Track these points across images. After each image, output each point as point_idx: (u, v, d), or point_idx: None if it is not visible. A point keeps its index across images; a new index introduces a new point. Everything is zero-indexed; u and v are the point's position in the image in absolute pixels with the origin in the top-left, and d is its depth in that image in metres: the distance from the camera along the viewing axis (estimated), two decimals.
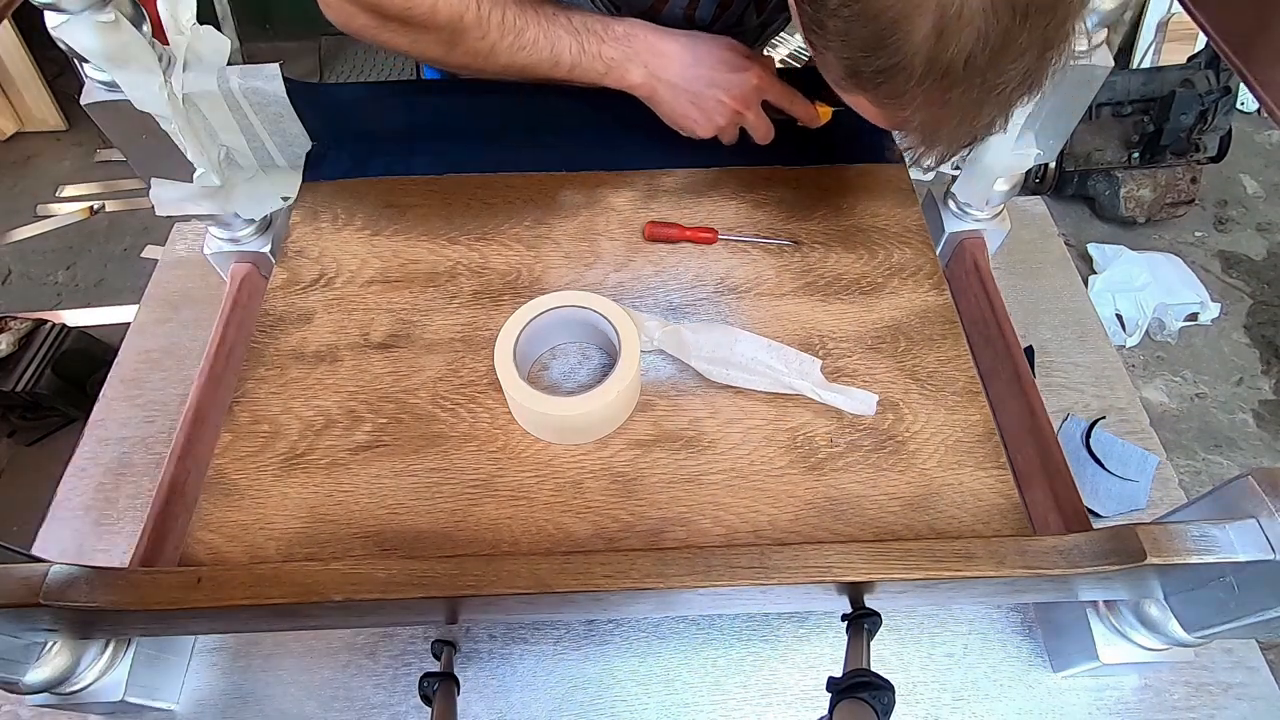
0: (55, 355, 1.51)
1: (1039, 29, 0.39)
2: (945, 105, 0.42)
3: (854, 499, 0.52)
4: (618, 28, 0.60)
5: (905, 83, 0.41)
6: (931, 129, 0.45)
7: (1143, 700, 0.59)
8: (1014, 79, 0.41)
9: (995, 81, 0.41)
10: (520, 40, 0.58)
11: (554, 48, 0.59)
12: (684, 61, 0.60)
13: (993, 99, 0.42)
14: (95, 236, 2.08)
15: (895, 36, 0.39)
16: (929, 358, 0.58)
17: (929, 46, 0.38)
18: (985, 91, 0.41)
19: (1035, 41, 0.39)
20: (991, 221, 0.75)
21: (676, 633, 0.61)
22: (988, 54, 0.38)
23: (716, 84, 0.60)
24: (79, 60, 0.56)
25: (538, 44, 0.58)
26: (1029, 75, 0.41)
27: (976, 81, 0.40)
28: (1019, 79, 0.41)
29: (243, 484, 0.53)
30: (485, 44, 0.57)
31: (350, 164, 0.71)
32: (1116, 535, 0.41)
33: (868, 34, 0.40)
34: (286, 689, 0.59)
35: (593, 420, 0.53)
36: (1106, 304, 1.85)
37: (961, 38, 0.38)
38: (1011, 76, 0.41)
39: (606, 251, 0.65)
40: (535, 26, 0.58)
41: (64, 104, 2.31)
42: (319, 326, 0.61)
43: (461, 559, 0.43)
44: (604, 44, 0.60)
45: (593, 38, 0.59)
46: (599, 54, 0.59)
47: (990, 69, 0.40)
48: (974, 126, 0.44)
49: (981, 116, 0.44)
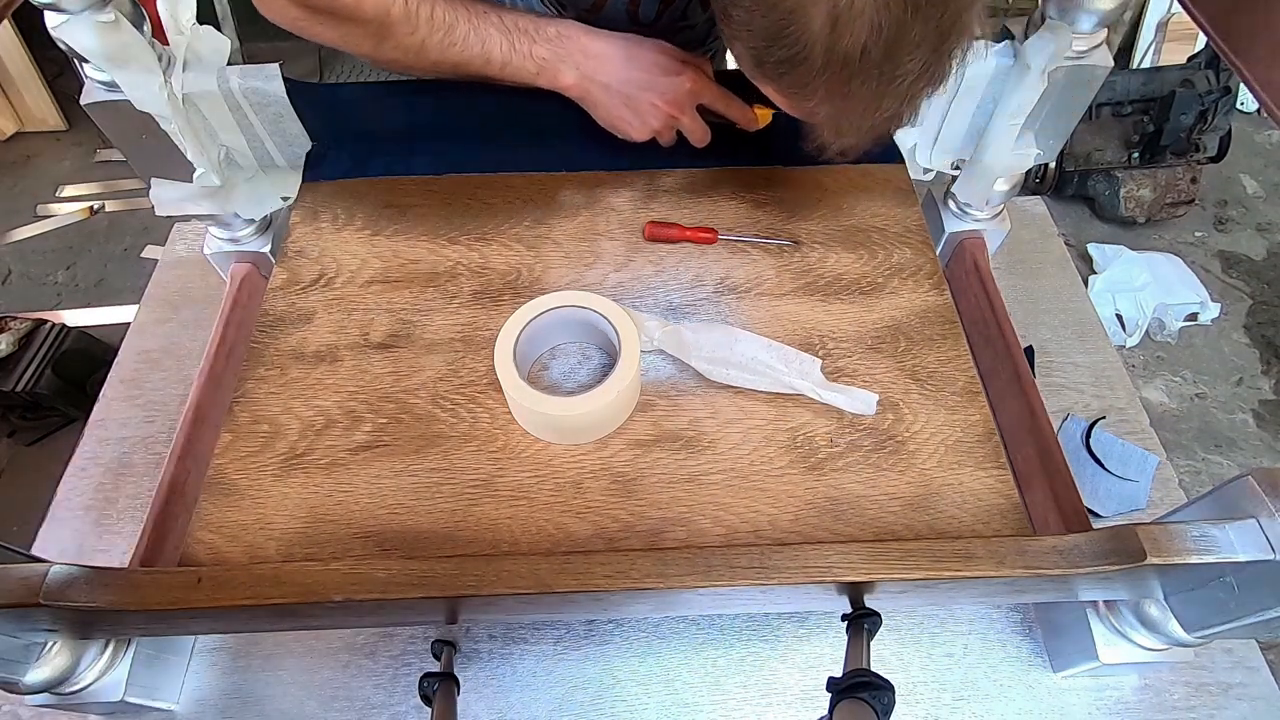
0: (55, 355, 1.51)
1: (932, 21, 0.40)
2: (847, 97, 0.43)
3: (854, 499, 0.52)
4: (550, 28, 0.60)
5: (807, 73, 0.42)
6: (837, 120, 0.46)
7: (1143, 700, 0.59)
8: (912, 71, 0.42)
9: (893, 73, 0.42)
10: (450, 37, 0.57)
11: (484, 45, 0.58)
12: (617, 64, 0.60)
13: (893, 91, 0.43)
14: (95, 236, 2.08)
15: (793, 27, 0.40)
16: (929, 358, 0.58)
17: (825, 37, 0.39)
18: (884, 83, 0.42)
19: (930, 34, 0.40)
20: (991, 221, 0.75)
21: (676, 633, 0.61)
22: (883, 45, 0.39)
23: (650, 87, 0.60)
24: (79, 60, 0.56)
25: (468, 41, 0.58)
26: (928, 68, 0.42)
27: (874, 73, 0.41)
28: (918, 71, 0.42)
29: (243, 484, 0.53)
30: (414, 39, 0.57)
31: (350, 164, 0.71)
32: (1116, 535, 0.41)
33: (768, 24, 0.41)
34: (286, 689, 0.59)
35: (593, 420, 0.53)
36: (1106, 304, 1.85)
37: (855, 28, 0.39)
38: (909, 69, 0.41)
39: (606, 251, 0.65)
40: (465, 23, 0.58)
41: (64, 104, 2.31)
42: (319, 326, 0.61)
43: (461, 559, 0.43)
44: (535, 44, 0.59)
45: (524, 37, 0.59)
46: (530, 54, 0.59)
47: (887, 61, 0.40)
48: (877, 118, 0.45)
49: (883, 109, 0.44)
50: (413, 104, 0.70)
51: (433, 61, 0.59)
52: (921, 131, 0.72)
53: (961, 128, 0.69)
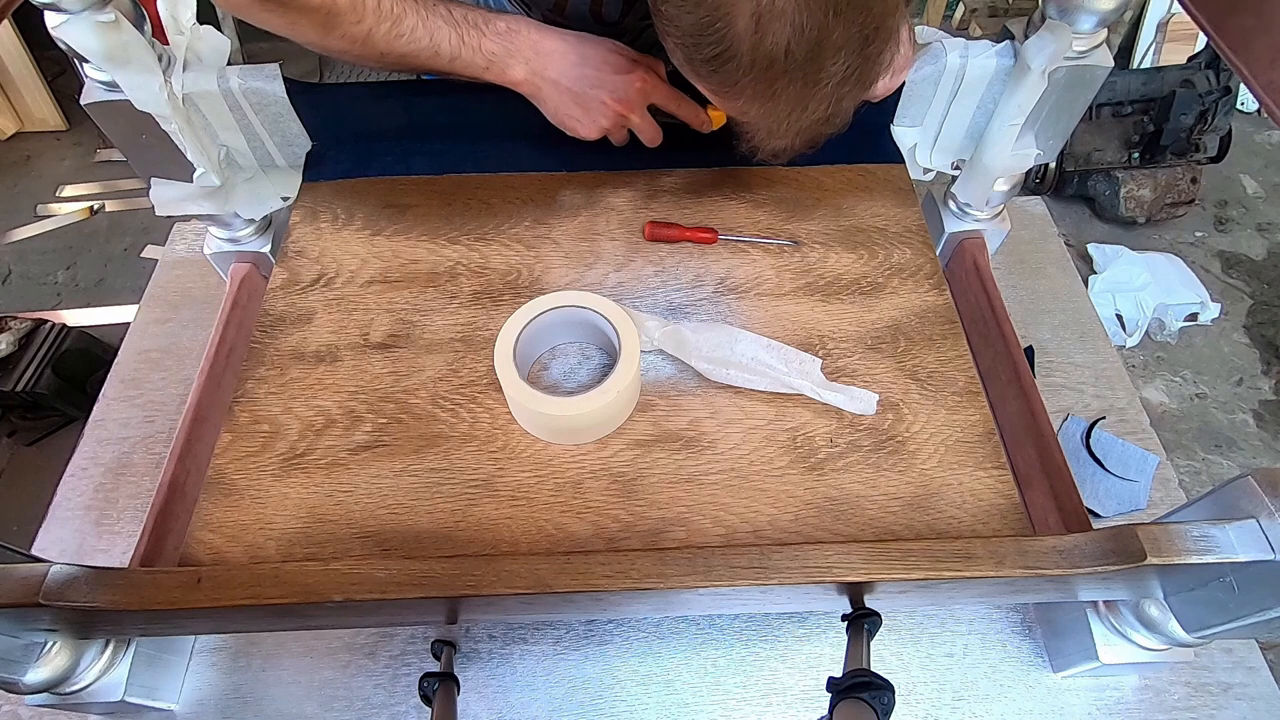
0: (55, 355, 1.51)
1: (855, 24, 0.40)
2: (773, 97, 0.43)
3: (854, 499, 0.52)
4: (500, 23, 0.59)
5: (734, 72, 0.42)
6: (766, 121, 0.46)
7: (1143, 700, 0.59)
8: (837, 74, 0.42)
9: (818, 75, 0.42)
10: (398, 28, 0.57)
11: (433, 38, 0.58)
12: (568, 60, 0.60)
13: (819, 93, 0.43)
14: (95, 236, 2.08)
15: (719, 25, 0.40)
16: (929, 358, 0.58)
17: (750, 36, 0.40)
18: (810, 85, 0.42)
19: (853, 37, 0.40)
20: (991, 221, 0.75)
21: (676, 633, 0.61)
22: (805, 46, 0.40)
23: (600, 85, 0.60)
24: (79, 60, 0.56)
25: (415, 33, 0.57)
26: (853, 71, 0.42)
27: (799, 74, 0.41)
28: (842, 74, 0.42)
29: (243, 484, 0.53)
30: (361, 29, 0.56)
31: (350, 164, 0.71)
32: (1116, 535, 0.41)
33: (695, 21, 0.41)
34: (286, 689, 0.59)
35: (593, 420, 0.53)
36: (1106, 304, 1.85)
37: (778, 28, 0.39)
38: (834, 71, 0.42)
39: (606, 251, 0.65)
40: (413, 15, 0.57)
41: (64, 104, 2.31)
42: (319, 326, 0.61)
43: (461, 559, 0.43)
44: (485, 38, 0.59)
45: (473, 31, 0.59)
46: (479, 47, 0.59)
47: (810, 62, 0.41)
48: (806, 120, 0.45)
49: (810, 111, 0.45)
50: (413, 104, 0.70)
51: (379, 53, 0.58)
52: (921, 131, 0.72)
53: (961, 128, 0.69)
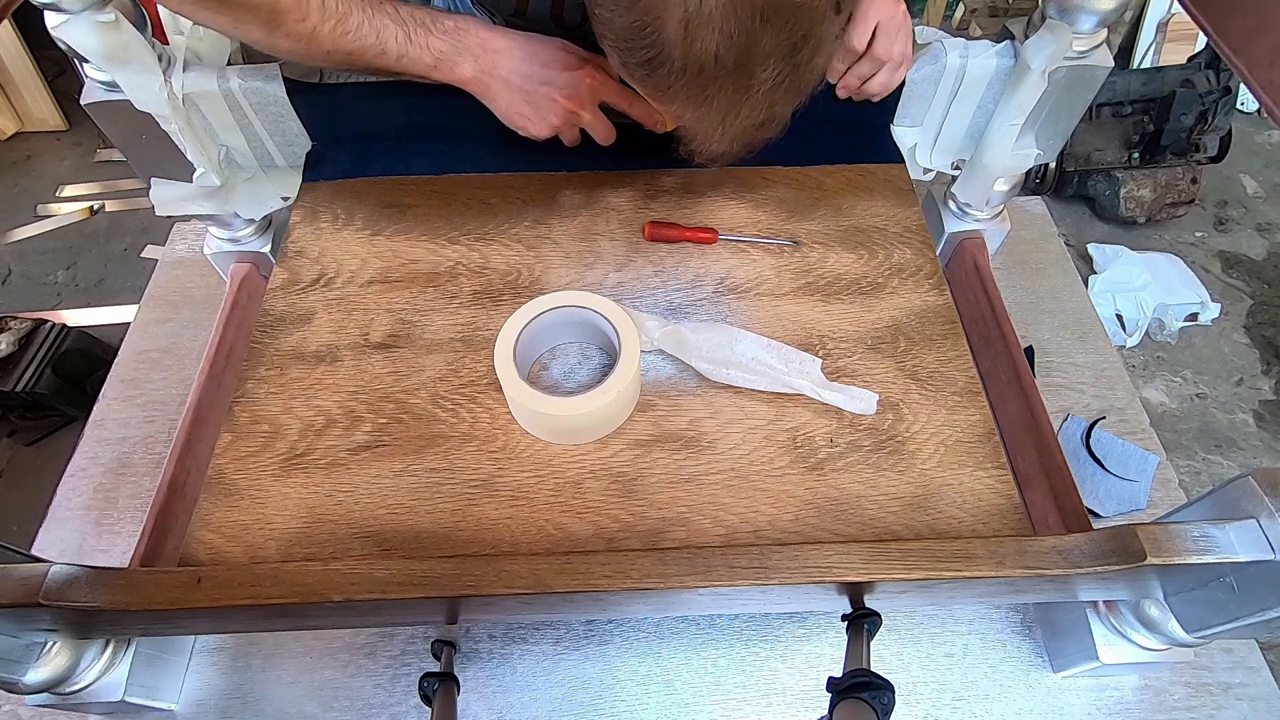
0: (55, 355, 1.51)
1: (783, 32, 0.40)
2: (706, 102, 0.44)
3: (854, 499, 0.52)
4: (447, 21, 0.59)
5: (666, 76, 0.42)
6: (700, 125, 0.47)
7: (1143, 700, 0.59)
8: (767, 81, 0.42)
9: (748, 82, 0.42)
10: (343, 26, 0.57)
11: (379, 35, 0.58)
12: (515, 58, 0.60)
13: (750, 100, 0.43)
14: (95, 236, 2.08)
15: (650, 30, 0.40)
16: (929, 358, 0.58)
17: (680, 41, 0.40)
18: (740, 91, 0.43)
19: (781, 45, 0.41)
20: (991, 221, 0.75)
21: (676, 633, 0.61)
22: (734, 54, 0.40)
23: (549, 82, 0.60)
24: (79, 60, 0.56)
25: (361, 30, 0.57)
26: (784, 78, 0.43)
27: (730, 80, 0.42)
28: (773, 81, 0.42)
29: (243, 484, 0.53)
30: (305, 27, 0.56)
31: (350, 164, 0.71)
32: (1116, 535, 0.41)
33: (627, 25, 0.41)
34: (286, 689, 0.59)
35: (593, 420, 0.53)
36: (1106, 304, 1.85)
37: (706, 35, 0.39)
38: (764, 78, 0.42)
39: (606, 251, 0.65)
40: (359, 13, 0.57)
41: (64, 104, 2.31)
42: (319, 326, 0.61)
43: (461, 559, 0.43)
44: (432, 36, 0.59)
45: (420, 29, 0.58)
46: (426, 45, 0.59)
47: (740, 69, 0.41)
48: (740, 126, 0.46)
49: (744, 116, 0.45)
50: (413, 104, 0.70)
51: (326, 51, 0.58)
52: (921, 131, 0.72)
53: (961, 128, 0.69)
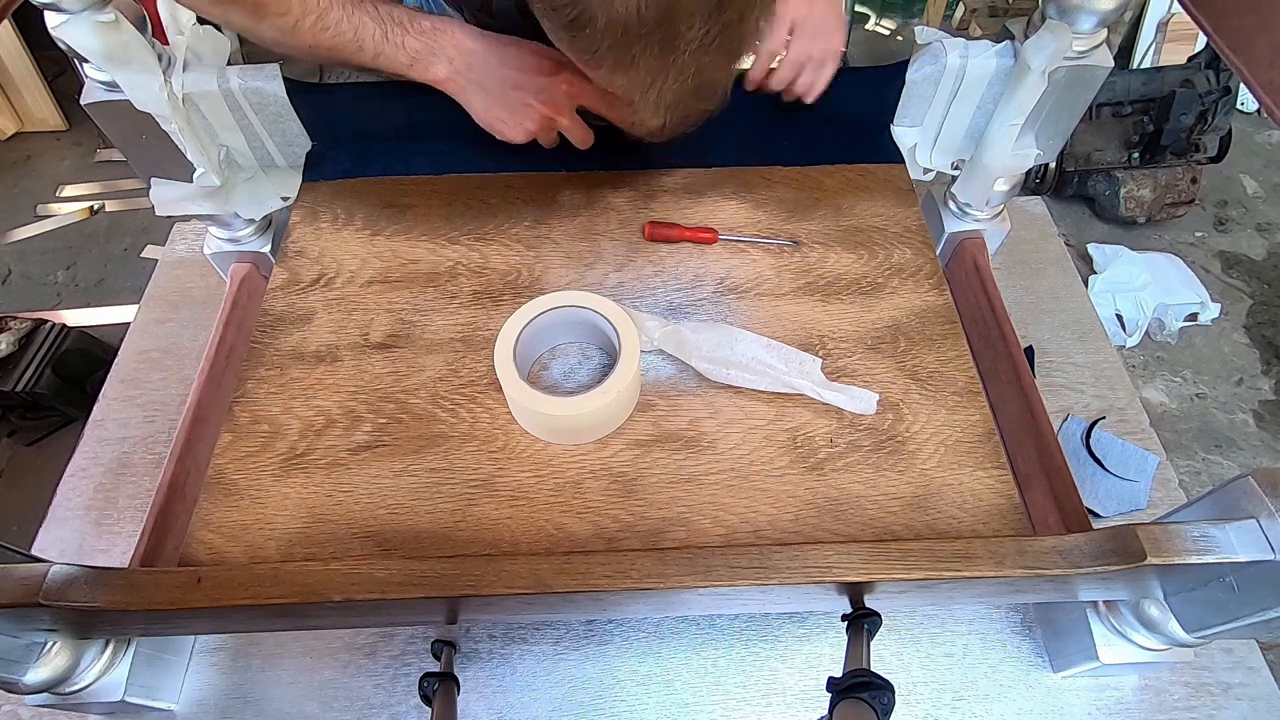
0: (55, 355, 1.51)
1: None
2: (632, 64, 0.43)
3: (854, 499, 0.52)
4: (425, 22, 0.60)
5: (592, 38, 0.42)
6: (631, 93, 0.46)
7: (1143, 700, 0.59)
8: (694, 40, 0.42)
9: (673, 41, 0.42)
10: (323, 20, 0.57)
11: (357, 32, 0.58)
12: (491, 62, 0.60)
13: (677, 60, 0.43)
14: (95, 236, 2.08)
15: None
16: (929, 358, 0.58)
17: (601, 2, 0.39)
18: (666, 51, 0.42)
19: (705, 2, 0.40)
20: (991, 221, 0.75)
21: (676, 633, 0.61)
22: (656, 11, 0.40)
23: (524, 87, 0.60)
24: (79, 60, 0.56)
25: (340, 26, 0.58)
26: (711, 37, 0.42)
27: (654, 39, 0.41)
28: (699, 40, 0.42)
29: (243, 484, 0.53)
30: (288, 20, 0.57)
31: (350, 164, 0.71)
32: (1116, 535, 0.41)
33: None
34: (286, 689, 0.59)
35: (593, 420, 0.53)
36: (1106, 304, 1.84)
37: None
38: (690, 37, 0.42)
39: (606, 251, 0.65)
40: (339, 9, 0.58)
41: (64, 104, 2.31)
42: (319, 326, 0.61)
43: (461, 559, 0.43)
44: (409, 35, 0.59)
45: (397, 28, 0.59)
46: (402, 44, 0.59)
47: (662, 26, 0.41)
48: (670, 92, 0.45)
49: (671, 80, 0.45)
50: (413, 104, 0.70)
51: (307, 45, 0.59)
52: (921, 131, 0.72)
53: (961, 128, 0.69)
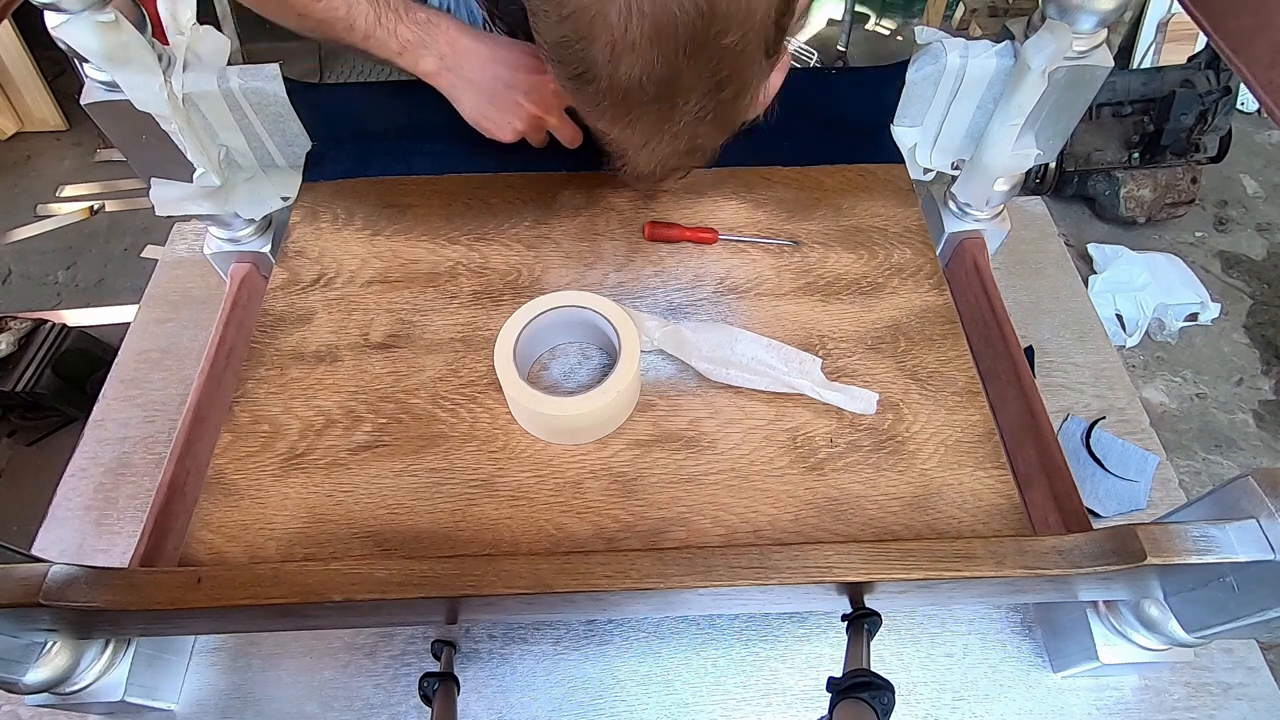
0: (55, 355, 1.51)
1: (707, 68, 0.41)
2: (631, 125, 0.44)
3: (854, 499, 0.52)
4: (420, 13, 0.59)
5: (595, 93, 0.42)
6: (627, 145, 0.47)
7: (1143, 700, 0.59)
8: (689, 113, 0.43)
9: (670, 112, 0.43)
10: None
11: (350, 10, 0.58)
12: (481, 59, 0.60)
13: (673, 129, 0.44)
14: (95, 236, 2.08)
15: (579, 46, 0.40)
16: (929, 358, 0.58)
17: (606, 63, 0.40)
18: (663, 120, 0.43)
19: (704, 80, 0.41)
20: (991, 221, 0.75)
21: (676, 633, 0.61)
22: (656, 84, 0.40)
23: (515, 86, 0.60)
24: (79, 60, 0.56)
25: (333, 2, 0.58)
26: (706, 112, 0.43)
27: (653, 107, 0.42)
28: (695, 114, 0.43)
29: (243, 484, 0.53)
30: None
31: (350, 164, 0.71)
32: (1116, 535, 0.41)
33: (558, 38, 0.41)
34: (286, 689, 0.59)
35: (593, 420, 0.53)
36: (1106, 304, 1.85)
37: (631, 61, 0.40)
38: (687, 110, 0.43)
39: (606, 251, 0.65)
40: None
41: (64, 104, 2.31)
42: (319, 326, 0.61)
43: (461, 559, 0.43)
44: (401, 23, 0.59)
45: (391, 14, 0.59)
46: (394, 31, 0.59)
47: (662, 98, 0.42)
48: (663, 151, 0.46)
49: (665, 143, 0.45)
50: (413, 104, 0.70)
51: (298, 14, 0.59)
52: (921, 131, 0.72)
53: (961, 128, 0.69)
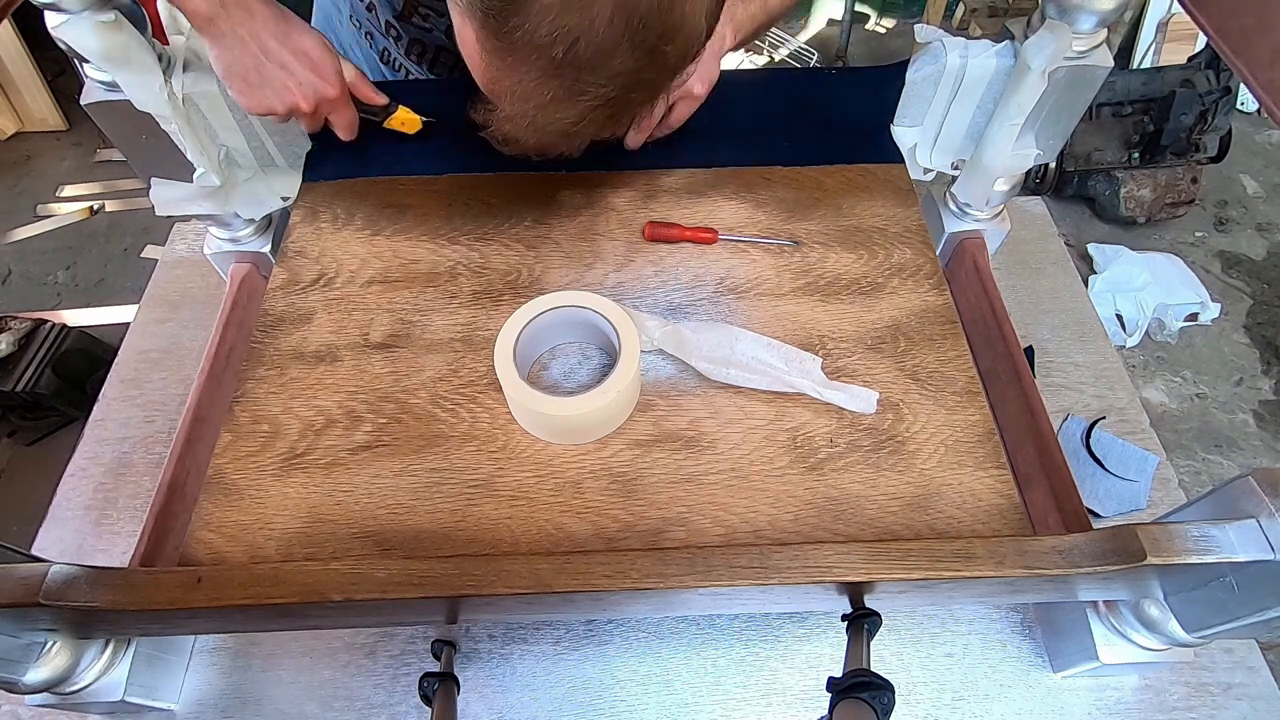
0: (55, 355, 1.51)
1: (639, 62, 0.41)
2: (533, 81, 0.43)
3: (854, 499, 0.52)
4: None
5: (516, 34, 0.41)
6: (512, 101, 0.46)
7: (1143, 700, 0.59)
8: (600, 97, 0.43)
9: (581, 87, 0.43)
10: None
11: None
12: (269, 28, 0.57)
13: (578, 101, 0.44)
14: (95, 236, 2.08)
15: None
16: (929, 358, 0.58)
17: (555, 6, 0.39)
18: (570, 91, 0.43)
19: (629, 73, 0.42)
20: (991, 221, 0.75)
21: (676, 633, 0.61)
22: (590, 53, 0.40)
23: (289, 68, 0.58)
24: (79, 60, 0.56)
25: None
26: (610, 103, 0.44)
27: (568, 75, 0.42)
28: (603, 99, 0.43)
29: (243, 484, 0.53)
30: None
31: (350, 164, 0.71)
32: (1116, 535, 0.41)
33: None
34: (286, 689, 0.59)
35: (593, 420, 0.53)
36: (1106, 304, 1.85)
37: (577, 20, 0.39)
38: (598, 92, 0.43)
39: (606, 251, 0.65)
40: None
41: (64, 104, 2.31)
42: (319, 326, 0.61)
43: (461, 559, 0.43)
44: None
45: None
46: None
47: (583, 70, 0.42)
48: (547, 122, 0.46)
49: (557, 114, 0.45)
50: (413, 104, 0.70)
51: None
52: (921, 131, 0.72)
53: (961, 128, 0.69)
